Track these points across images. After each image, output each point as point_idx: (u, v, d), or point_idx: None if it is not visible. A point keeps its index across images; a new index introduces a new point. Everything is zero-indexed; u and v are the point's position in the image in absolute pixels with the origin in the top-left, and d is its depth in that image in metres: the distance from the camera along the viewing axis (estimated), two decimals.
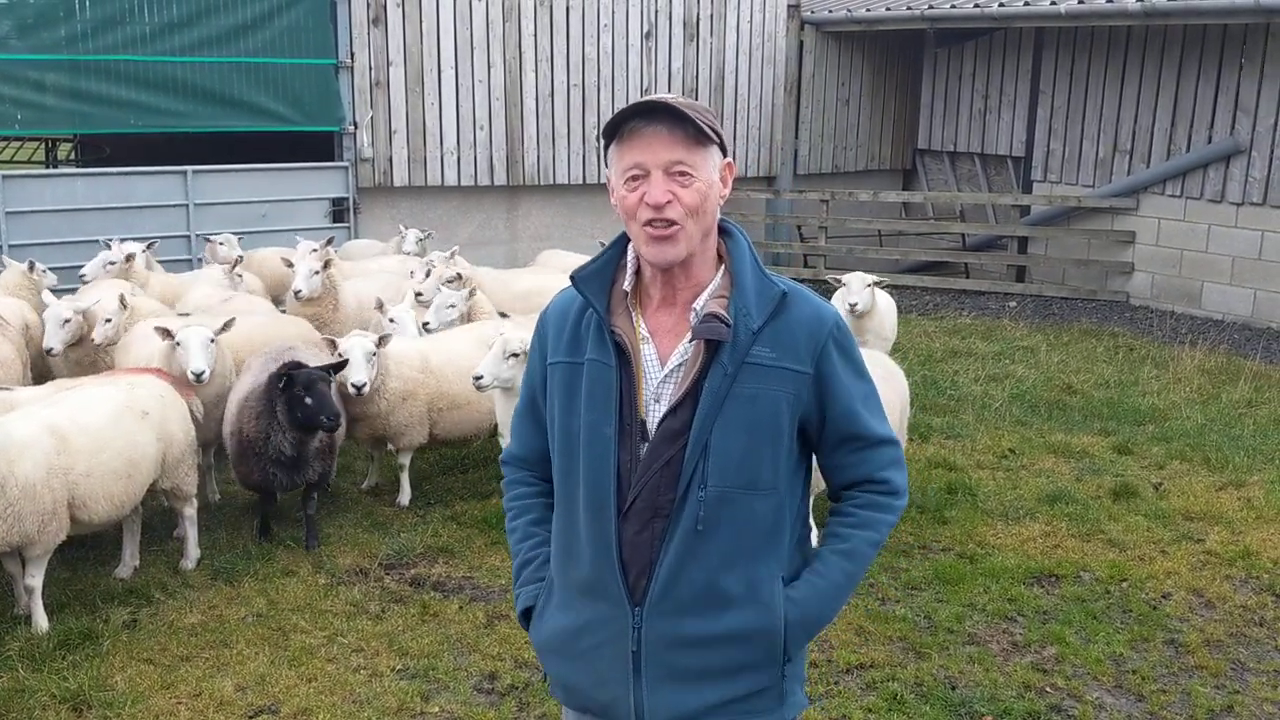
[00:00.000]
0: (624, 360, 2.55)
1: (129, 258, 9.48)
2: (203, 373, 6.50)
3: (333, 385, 6.50)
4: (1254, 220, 13.17)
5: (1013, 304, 14.49)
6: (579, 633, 2.65)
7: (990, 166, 16.74)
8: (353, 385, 6.76)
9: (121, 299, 7.76)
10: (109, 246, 9.85)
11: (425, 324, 8.05)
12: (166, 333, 6.67)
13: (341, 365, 6.69)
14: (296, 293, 8.58)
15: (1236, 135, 13.17)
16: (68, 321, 7.47)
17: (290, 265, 9.06)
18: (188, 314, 8.24)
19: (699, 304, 2.54)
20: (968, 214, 16.67)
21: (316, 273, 8.64)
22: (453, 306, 8.19)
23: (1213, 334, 12.60)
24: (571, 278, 2.65)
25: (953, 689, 5.20)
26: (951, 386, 10.34)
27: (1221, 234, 13.47)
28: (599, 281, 2.64)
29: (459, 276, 8.79)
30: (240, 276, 9.54)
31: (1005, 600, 6.09)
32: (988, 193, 16.46)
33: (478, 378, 6.38)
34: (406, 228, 11.80)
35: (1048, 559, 6.62)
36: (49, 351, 7.52)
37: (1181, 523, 7.20)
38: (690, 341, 2.53)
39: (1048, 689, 5.24)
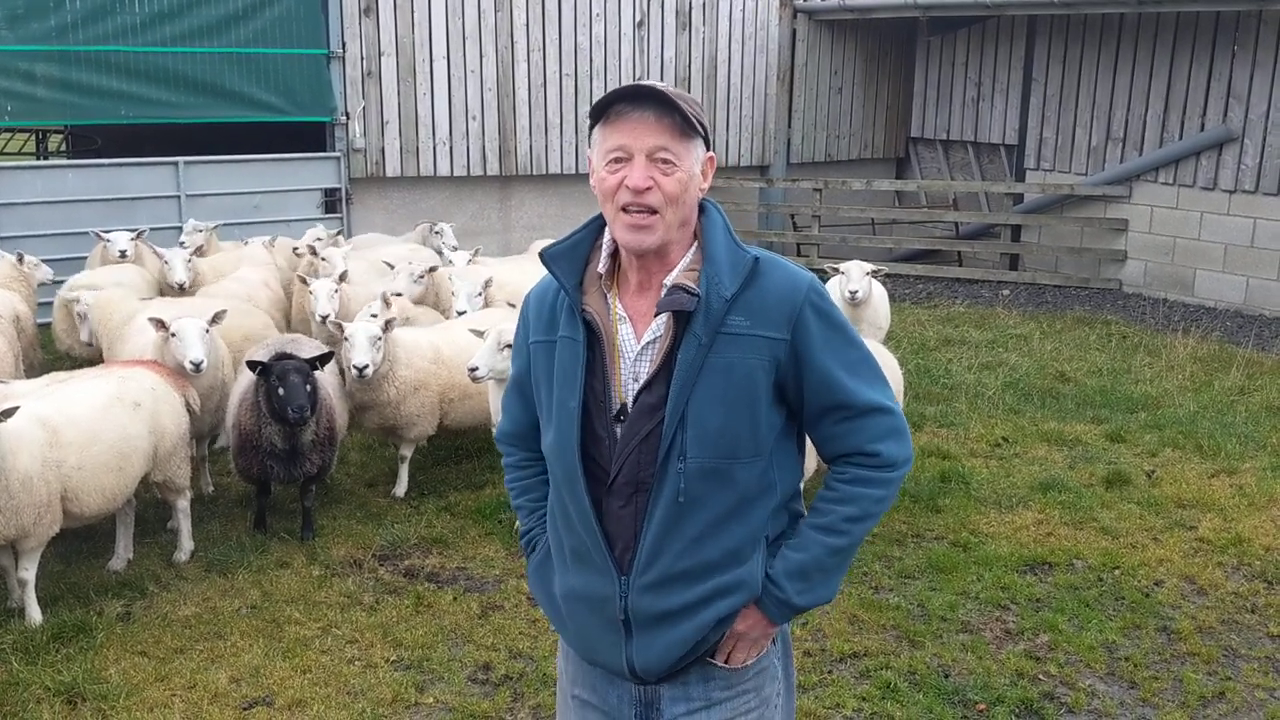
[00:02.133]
0: (594, 339, 2.57)
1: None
2: (201, 361, 6.48)
3: (319, 375, 6.51)
4: (1246, 208, 13.18)
5: (1006, 292, 14.50)
6: (569, 596, 2.71)
7: (983, 154, 16.73)
8: (355, 367, 6.80)
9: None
10: (99, 237, 9.84)
11: (460, 311, 8.13)
12: (160, 324, 6.65)
13: (329, 357, 6.68)
14: (323, 318, 7.89)
15: (1229, 123, 13.18)
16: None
17: (298, 252, 9.11)
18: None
19: (669, 279, 2.55)
20: (961, 202, 16.67)
21: (336, 292, 8.22)
22: (479, 295, 8.31)
23: (1205, 321, 12.62)
24: (541, 255, 2.66)
25: (946, 677, 5.22)
26: (945, 375, 10.35)
27: (1214, 221, 13.48)
28: (569, 260, 2.64)
29: (432, 270, 8.76)
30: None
31: (998, 588, 6.10)
32: (981, 181, 16.46)
33: (473, 369, 6.39)
34: (436, 223, 11.61)
35: (1040, 547, 6.63)
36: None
37: (1174, 510, 7.22)
38: (659, 316, 2.54)
39: (1041, 676, 5.26)
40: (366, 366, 6.82)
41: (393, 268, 9.25)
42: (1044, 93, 15.21)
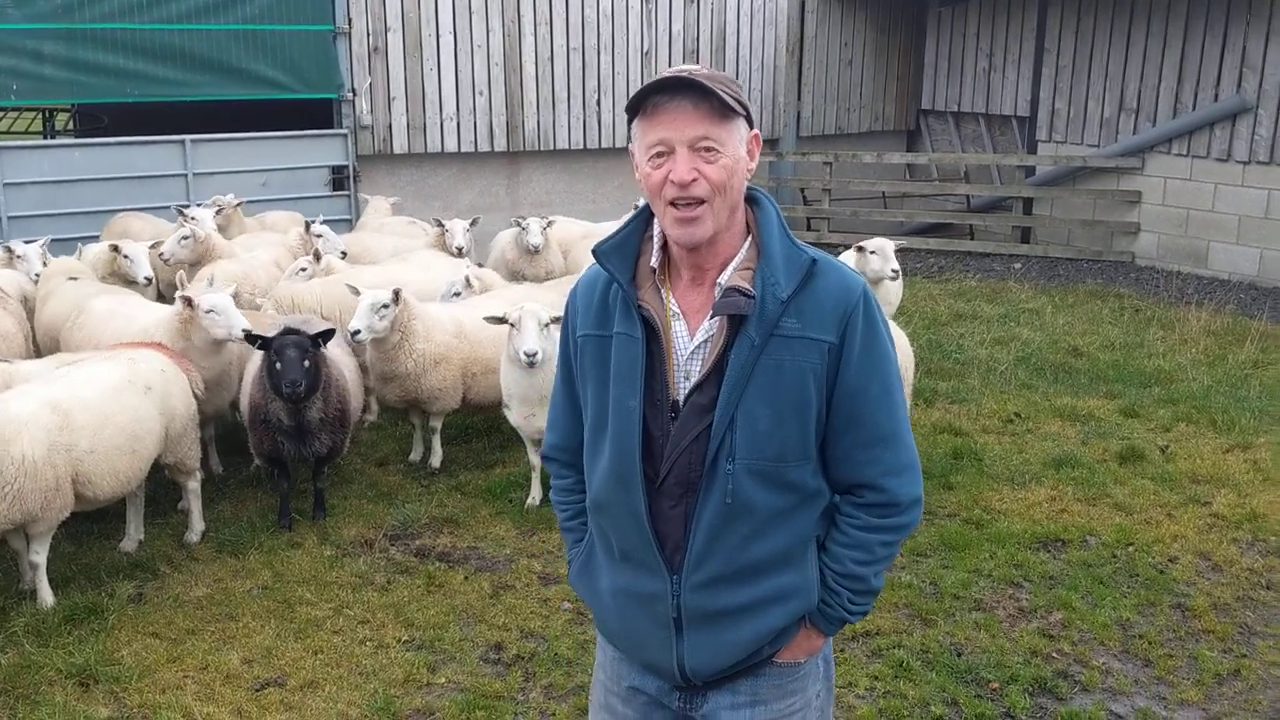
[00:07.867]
0: (652, 335, 2.52)
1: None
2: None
3: (333, 356, 6.54)
4: (1261, 179, 13.06)
5: (1018, 265, 14.41)
6: (618, 594, 2.67)
7: (995, 127, 16.60)
8: (349, 331, 6.90)
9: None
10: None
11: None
12: (188, 302, 6.65)
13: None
14: (354, 333, 6.92)
15: (1243, 93, 13.04)
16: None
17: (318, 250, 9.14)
18: None
19: (723, 279, 2.50)
20: (972, 175, 16.56)
21: (385, 307, 7.10)
22: (458, 294, 8.19)
23: (1219, 294, 12.53)
24: (594, 252, 2.61)
25: (959, 655, 5.20)
26: (957, 350, 10.29)
27: (1228, 193, 13.36)
28: (621, 255, 2.59)
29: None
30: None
31: (1011, 566, 6.08)
32: (992, 153, 16.34)
33: (354, 332, 6.82)
34: (525, 219, 10.20)
35: (1054, 524, 6.60)
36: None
37: (1188, 486, 7.18)
38: (713, 318, 2.49)
39: (1054, 654, 5.24)
40: (358, 331, 6.90)
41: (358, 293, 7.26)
42: (1056, 64, 15.06)
